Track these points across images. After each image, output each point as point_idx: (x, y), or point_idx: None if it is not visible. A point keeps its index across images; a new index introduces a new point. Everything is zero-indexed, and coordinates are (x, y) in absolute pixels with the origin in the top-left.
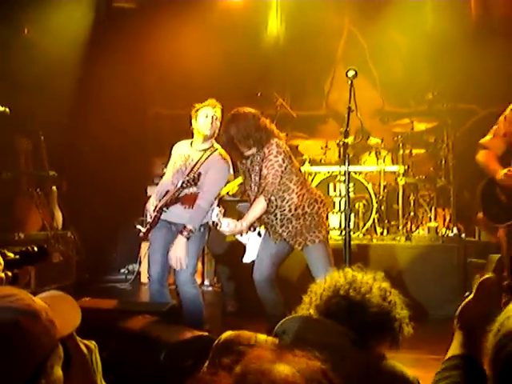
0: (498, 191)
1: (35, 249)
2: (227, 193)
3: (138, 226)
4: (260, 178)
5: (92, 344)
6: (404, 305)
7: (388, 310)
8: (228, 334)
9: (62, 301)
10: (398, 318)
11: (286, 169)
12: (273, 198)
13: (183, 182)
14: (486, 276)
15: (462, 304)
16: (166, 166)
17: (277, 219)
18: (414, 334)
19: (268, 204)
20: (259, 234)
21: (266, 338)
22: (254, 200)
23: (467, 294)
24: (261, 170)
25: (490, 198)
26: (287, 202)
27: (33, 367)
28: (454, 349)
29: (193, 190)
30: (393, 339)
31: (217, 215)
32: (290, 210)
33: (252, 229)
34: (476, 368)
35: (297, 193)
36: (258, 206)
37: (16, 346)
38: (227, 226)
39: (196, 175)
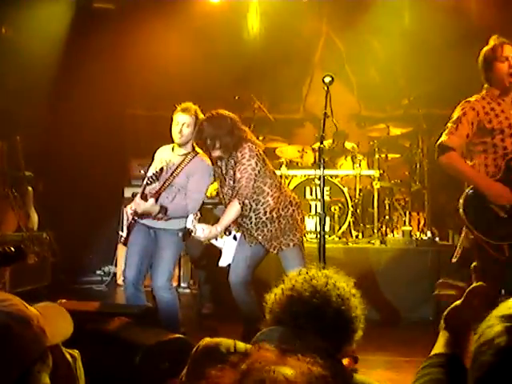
0: (494, 206)
1: (12, 249)
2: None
3: (120, 232)
4: (234, 182)
5: (75, 352)
6: (362, 308)
7: (347, 312)
8: (207, 341)
9: (54, 311)
10: (356, 319)
11: (259, 172)
12: (247, 201)
13: (147, 179)
14: (479, 284)
15: (451, 306)
16: (147, 169)
17: (252, 223)
18: (387, 336)
19: (243, 207)
20: (234, 237)
21: (246, 346)
22: (229, 204)
23: (436, 292)
24: (235, 173)
25: (482, 213)
26: (262, 205)
27: (20, 370)
28: (438, 348)
29: (155, 185)
30: (351, 342)
31: (192, 222)
32: (264, 213)
33: (227, 232)
34: (459, 367)
35: (271, 195)
36: (233, 210)
37: (5, 349)
38: (202, 231)
39: (158, 170)
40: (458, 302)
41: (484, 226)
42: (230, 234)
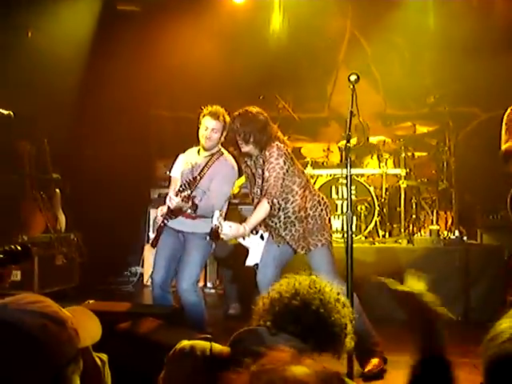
0: None
1: (19, 248)
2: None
3: (150, 233)
4: (263, 181)
5: (104, 356)
6: (350, 317)
7: (327, 316)
8: (183, 344)
9: (84, 314)
10: (337, 325)
11: (287, 171)
12: (276, 200)
13: (180, 186)
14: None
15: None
16: (170, 170)
17: (280, 222)
18: (412, 336)
19: (272, 207)
20: (262, 237)
21: (222, 348)
22: (258, 203)
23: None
24: (263, 172)
25: None
26: (291, 204)
27: (54, 371)
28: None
29: (187, 193)
30: (335, 347)
31: (217, 218)
32: (293, 213)
33: (254, 232)
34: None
35: (300, 195)
36: (261, 209)
37: (41, 349)
38: (229, 229)
39: (191, 179)
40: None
41: None
42: (257, 233)
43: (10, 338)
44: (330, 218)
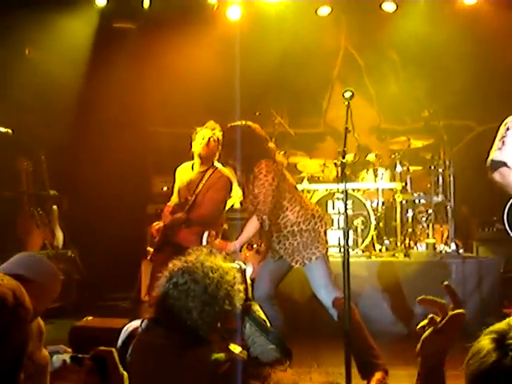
0: None
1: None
2: (231, 206)
3: (149, 248)
4: (253, 197)
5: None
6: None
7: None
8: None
9: (38, 268)
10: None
11: (277, 187)
12: (265, 216)
13: (173, 207)
14: (460, 311)
15: (428, 331)
16: (171, 187)
17: (273, 237)
18: (414, 349)
19: (262, 223)
20: (257, 251)
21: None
22: (248, 220)
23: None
24: (253, 189)
25: None
26: (282, 220)
27: (13, 355)
28: None
29: (180, 214)
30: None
31: (206, 238)
32: (285, 227)
33: (249, 246)
34: None
35: (291, 210)
36: (251, 226)
37: None
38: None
39: (185, 200)
40: (430, 330)
41: None
42: (252, 247)
43: None
44: (325, 231)
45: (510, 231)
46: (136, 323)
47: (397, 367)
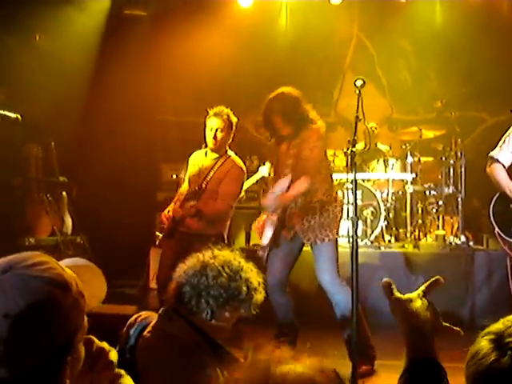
0: None
1: None
2: None
3: (157, 233)
4: (298, 161)
5: (121, 372)
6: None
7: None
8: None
9: (88, 271)
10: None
11: (323, 155)
12: (312, 181)
13: (187, 195)
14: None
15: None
16: (181, 174)
17: (296, 206)
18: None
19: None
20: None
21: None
22: (295, 180)
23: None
24: (299, 152)
25: (504, 214)
26: (315, 189)
27: (62, 341)
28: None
29: (193, 202)
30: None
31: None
32: (311, 199)
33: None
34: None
35: (321, 185)
36: (302, 185)
37: (47, 318)
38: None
39: (197, 188)
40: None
41: (504, 226)
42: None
43: (18, 306)
44: (341, 218)
45: (495, 226)
46: (147, 313)
47: (400, 358)
